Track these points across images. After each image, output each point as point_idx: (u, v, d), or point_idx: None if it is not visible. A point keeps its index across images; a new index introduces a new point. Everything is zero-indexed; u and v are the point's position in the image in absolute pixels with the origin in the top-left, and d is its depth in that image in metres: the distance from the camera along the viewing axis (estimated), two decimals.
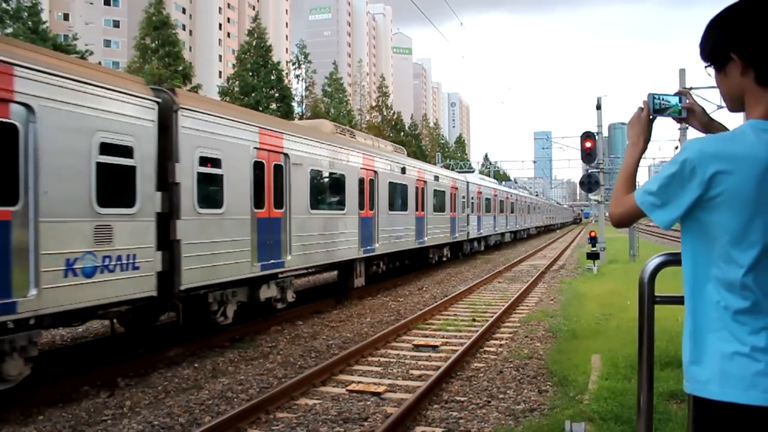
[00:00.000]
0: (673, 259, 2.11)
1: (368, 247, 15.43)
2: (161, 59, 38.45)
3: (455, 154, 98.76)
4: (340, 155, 13.83)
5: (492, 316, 11.64)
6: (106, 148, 7.33)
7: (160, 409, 6.60)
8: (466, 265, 24.43)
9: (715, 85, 1.81)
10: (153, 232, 8.04)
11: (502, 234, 36.66)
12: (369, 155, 15.65)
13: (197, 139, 8.94)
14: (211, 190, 9.39)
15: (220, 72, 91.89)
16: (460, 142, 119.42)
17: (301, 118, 50.60)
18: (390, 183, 17.01)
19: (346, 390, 7.24)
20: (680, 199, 1.70)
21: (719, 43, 1.75)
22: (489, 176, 49.84)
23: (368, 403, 6.72)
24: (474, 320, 11.76)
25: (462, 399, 6.80)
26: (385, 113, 73.17)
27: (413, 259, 20.50)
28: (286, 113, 45.41)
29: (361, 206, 15.07)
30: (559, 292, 15.83)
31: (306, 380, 7.32)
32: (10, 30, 31.07)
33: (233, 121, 9.87)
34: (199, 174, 8.99)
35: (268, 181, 10.84)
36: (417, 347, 9.57)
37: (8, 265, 6.13)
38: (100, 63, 37.82)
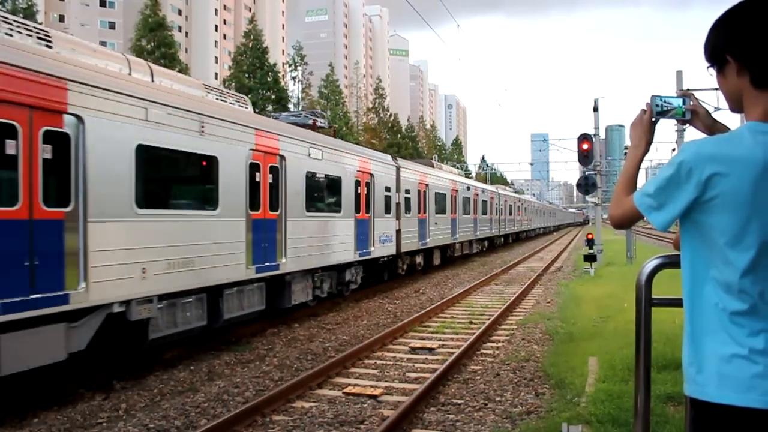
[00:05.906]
0: (671, 262, 2.10)
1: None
2: (157, 61, 38.40)
3: (452, 156, 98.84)
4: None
5: (489, 319, 11.63)
6: None
7: (155, 411, 6.57)
8: (462, 268, 24.44)
9: (717, 85, 1.80)
10: None
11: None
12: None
13: None
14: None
15: (216, 74, 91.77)
16: (457, 144, 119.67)
17: None
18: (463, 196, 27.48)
19: (343, 393, 7.22)
20: (677, 200, 1.69)
21: (717, 45, 1.75)
22: (487, 178, 56.81)
23: (365, 405, 6.70)
24: (471, 323, 11.75)
25: (459, 402, 6.79)
26: (381, 115, 73.24)
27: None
28: None
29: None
30: (556, 294, 15.83)
31: (302, 383, 7.30)
32: None
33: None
34: None
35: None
36: (414, 350, 9.55)
37: None
38: None
